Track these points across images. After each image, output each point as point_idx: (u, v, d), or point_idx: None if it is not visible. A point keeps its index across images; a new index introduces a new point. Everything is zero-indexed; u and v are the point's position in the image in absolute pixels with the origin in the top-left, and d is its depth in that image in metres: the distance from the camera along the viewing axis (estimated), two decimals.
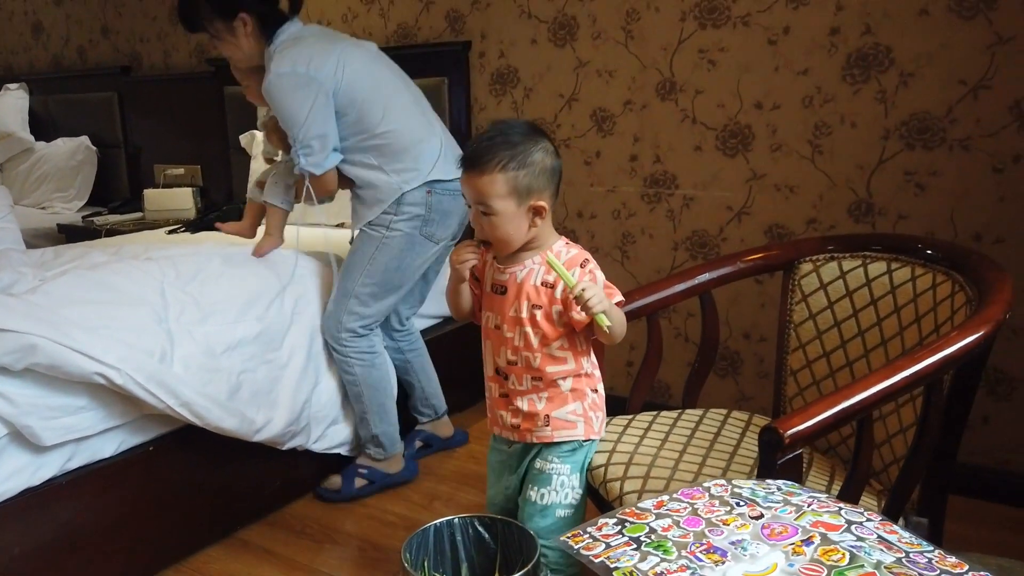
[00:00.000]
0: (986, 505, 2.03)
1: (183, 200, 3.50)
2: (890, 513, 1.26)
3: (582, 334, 1.39)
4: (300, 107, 1.92)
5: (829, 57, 2.12)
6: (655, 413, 1.65)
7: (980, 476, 2.06)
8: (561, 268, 1.30)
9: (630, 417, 1.64)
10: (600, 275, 1.35)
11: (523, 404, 1.41)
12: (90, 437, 1.74)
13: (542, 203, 1.33)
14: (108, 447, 1.79)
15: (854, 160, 2.14)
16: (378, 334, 2.20)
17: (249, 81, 2.17)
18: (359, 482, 2.23)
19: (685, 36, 2.32)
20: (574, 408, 1.41)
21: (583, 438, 1.42)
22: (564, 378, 1.39)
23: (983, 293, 1.27)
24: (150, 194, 3.54)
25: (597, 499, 1.47)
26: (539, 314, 1.36)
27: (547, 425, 1.40)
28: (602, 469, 1.44)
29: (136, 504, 1.84)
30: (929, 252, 1.45)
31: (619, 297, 1.36)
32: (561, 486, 1.41)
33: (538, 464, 1.43)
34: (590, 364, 1.43)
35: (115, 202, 3.89)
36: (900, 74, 2.04)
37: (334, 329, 2.11)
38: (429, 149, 2.08)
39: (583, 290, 1.25)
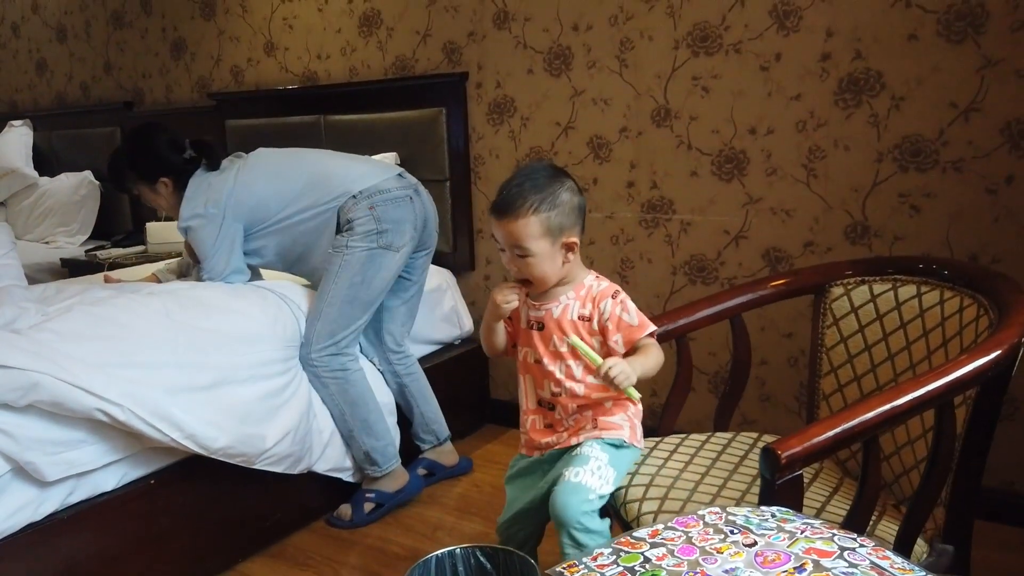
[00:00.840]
0: (990, 526, 2.02)
1: None
2: (906, 537, 1.24)
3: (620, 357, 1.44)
4: (205, 242, 2.22)
5: (821, 82, 2.15)
6: (683, 436, 1.65)
7: (987, 498, 2.05)
8: (585, 348, 1.37)
9: (658, 439, 1.64)
10: (631, 305, 1.44)
11: (569, 426, 1.48)
12: (92, 471, 1.75)
13: (573, 239, 1.42)
14: (110, 480, 1.80)
15: (849, 183, 2.16)
16: (351, 353, 2.23)
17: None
18: (368, 507, 2.24)
19: (679, 64, 2.36)
20: (619, 417, 1.47)
21: (627, 439, 1.46)
22: (608, 399, 1.46)
23: (1002, 316, 1.26)
24: (153, 227, 3.56)
25: (619, 519, 1.47)
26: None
27: (594, 428, 1.46)
28: (623, 490, 1.44)
29: (138, 537, 1.84)
30: (956, 275, 1.45)
31: (651, 327, 1.43)
32: (597, 469, 1.41)
33: (578, 449, 1.45)
34: None
35: (118, 236, 3.92)
36: (891, 98, 2.06)
37: (305, 350, 2.17)
38: (344, 174, 2.24)
39: (609, 368, 1.31)
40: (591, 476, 1.40)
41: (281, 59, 3.36)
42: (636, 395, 1.34)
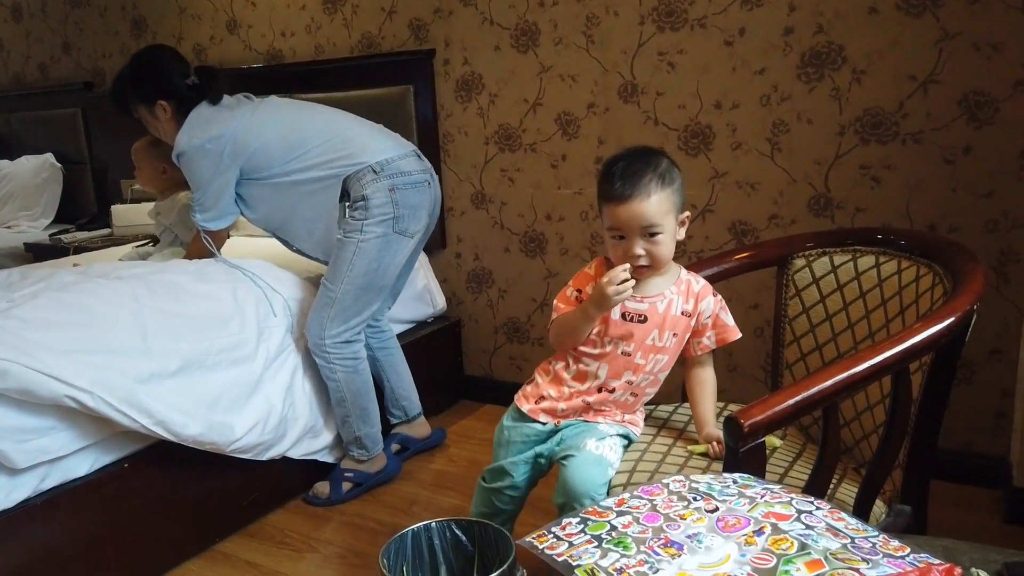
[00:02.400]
0: (948, 486, 2.09)
1: None
2: (864, 500, 1.29)
3: None
4: (198, 173, 2.15)
5: (784, 57, 2.17)
6: (652, 407, 1.68)
7: (945, 459, 2.12)
8: (700, 450, 1.44)
9: None
10: (726, 305, 1.51)
11: (607, 410, 1.51)
12: (63, 457, 1.74)
13: (687, 214, 1.44)
14: (82, 466, 1.80)
15: (812, 156, 2.19)
16: (362, 340, 2.22)
17: (142, 165, 2.58)
18: (346, 486, 2.26)
19: (644, 39, 2.37)
20: (639, 415, 1.56)
21: (636, 436, 1.53)
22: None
23: (956, 284, 1.31)
24: (118, 210, 3.51)
25: None
26: (674, 342, 1.47)
27: (622, 418, 1.51)
28: None
29: (113, 521, 1.85)
30: (913, 245, 1.50)
31: (739, 333, 1.52)
32: (613, 447, 1.45)
33: (596, 426, 1.48)
34: None
35: (82, 219, 3.86)
36: (853, 71, 2.09)
37: (317, 337, 2.14)
38: (363, 142, 2.16)
39: (717, 443, 1.42)
40: (610, 451, 1.42)
41: (245, 37, 3.31)
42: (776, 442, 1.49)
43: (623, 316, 1.44)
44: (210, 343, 1.99)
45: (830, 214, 2.20)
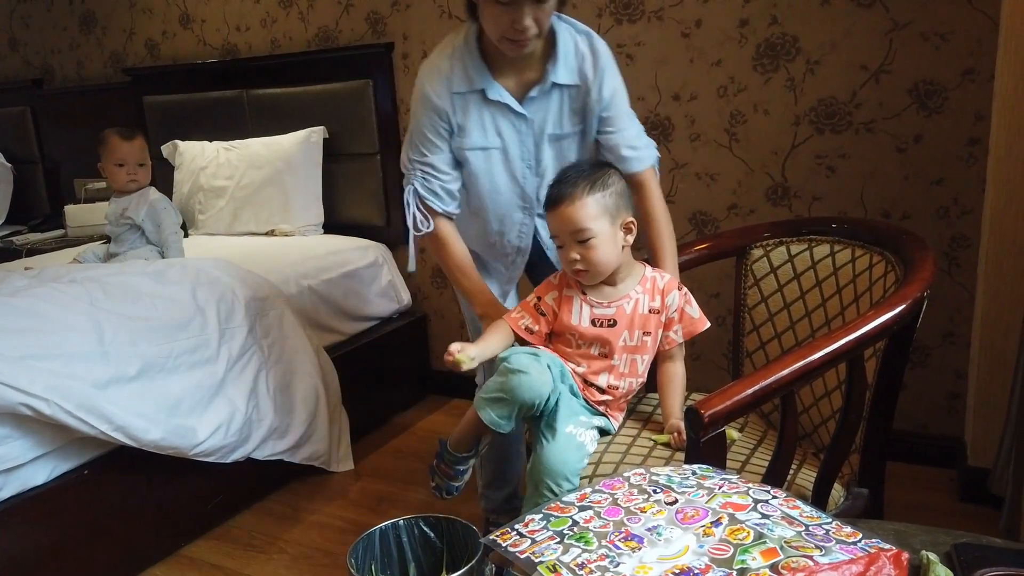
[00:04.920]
0: (906, 467, 2.15)
1: None
2: (823, 484, 1.32)
3: None
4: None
5: (740, 48, 2.20)
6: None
7: (902, 441, 2.18)
8: (662, 439, 1.44)
9: None
10: (692, 299, 1.50)
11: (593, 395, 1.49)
12: (20, 466, 1.71)
13: (631, 219, 1.43)
14: (40, 474, 1.76)
15: (769, 146, 2.22)
16: None
17: (146, 160, 2.45)
18: None
19: (603, 31, 2.37)
20: (620, 413, 1.53)
21: (614, 428, 1.51)
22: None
23: (907, 272, 1.34)
24: (71, 210, 3.43)
25: None
26: (648, 340, 1.46)
27: (603, 415, 1.50)
28: None
29: (74, 529, 1.81)
30: (866, 234, 1.53)
31: (707, 324, 1.51)
32: (592, 439, 1.44)
33: (578, 411, 1.44)
34: None
35: (35, 220, 3.77)
36: (807, 62, 2.13)
37: None
38: None
39: (679, 434, 1.40)
40: (589, 440, 1.42)
41: (198, 31, 3.25)
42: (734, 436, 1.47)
43: (592, 323, 1.45)
44: (170, 346, 1.96)
45: (787, 203, 2.23)
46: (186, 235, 2.69)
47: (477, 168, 1.58)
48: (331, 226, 2.92)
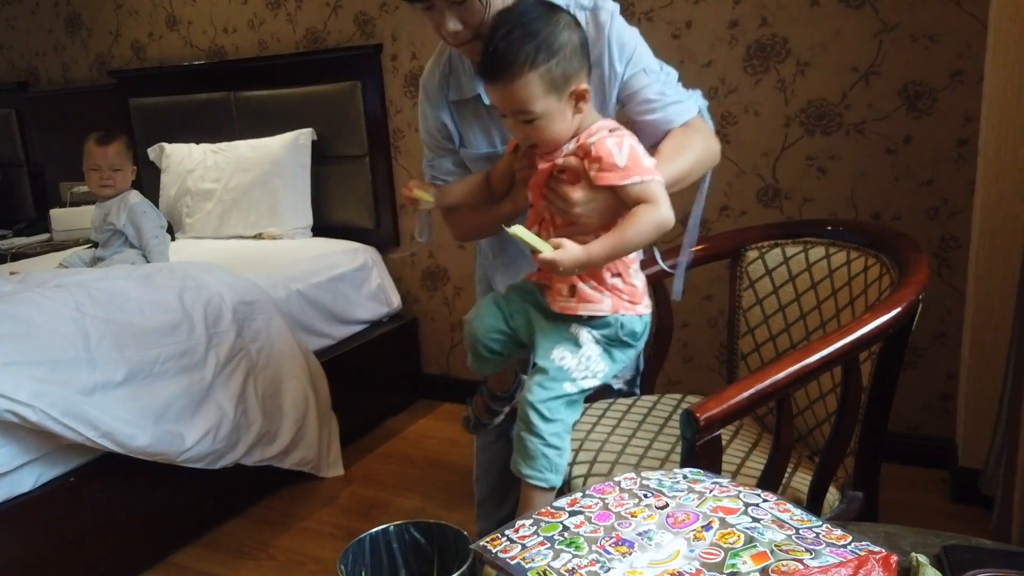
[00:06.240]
0: (898, 468, 2.15)
1: None
2: (818, 488, 1.31)
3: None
4: None
5: (730, 49, 2.19)
6: (611, 400, 1.68)
7: (894, 442, 2.18)
8: (528, 238, 1.13)
9: (587, 404, 1.65)
10: (631, 144, 1.17)
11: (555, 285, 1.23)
12: (7, 473, 1.69)
13: (583, 86, 1.15)
14: (26, 481, 1.74)
15: (759, 148, 2.22)
16: None
17: (125, 166, 2.43)
18: None
19: None
20: (595, 280, 1.23)
21: (609, 312, 1.22)
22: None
23: (902, 274, 1.34)
24: (57, 214, 3.40)
25: None
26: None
27: (572, 296, 1.22)
28: None
29: (62, 536, 1.79)
30: (862, 236, 1.52)
31: (639, 177, 1.18)
32: (586, 360, 1.21)
33: (568, 328, 1.22)
34: None
35: (20, 224, 3.73)
36: (797, 63, 2.12)
37: None
38: None
39: (553, 259, 1.11)
40: (577, 365, 1.20)
41: (185, 33, 3.22)
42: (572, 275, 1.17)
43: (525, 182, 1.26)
44: (157, 351, 1.94)
45: (779, 204, 2.23)
46: (173, 238, 2.67)
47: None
48: (320, 229, 2.90)
